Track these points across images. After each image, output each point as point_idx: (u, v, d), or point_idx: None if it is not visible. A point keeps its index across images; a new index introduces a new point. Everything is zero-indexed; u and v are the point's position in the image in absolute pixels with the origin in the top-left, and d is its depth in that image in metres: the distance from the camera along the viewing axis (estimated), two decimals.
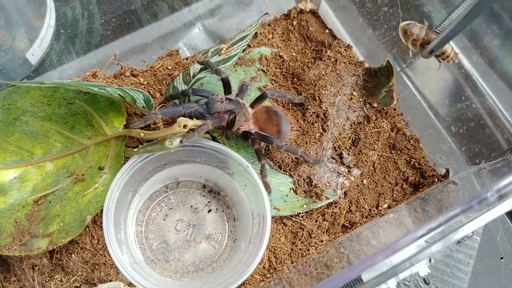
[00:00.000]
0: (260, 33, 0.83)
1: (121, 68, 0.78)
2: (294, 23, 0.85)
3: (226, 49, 0.72)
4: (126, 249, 0.62)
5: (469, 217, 0.49)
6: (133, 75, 0.77)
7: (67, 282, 0.65)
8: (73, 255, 0.65)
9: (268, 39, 0.83)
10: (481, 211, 0.48)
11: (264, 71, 0.79)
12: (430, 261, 0.78)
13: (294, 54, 0.82)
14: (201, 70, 0.71)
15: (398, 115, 0.77)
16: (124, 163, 0.63)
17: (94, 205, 0.62)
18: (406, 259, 0.49)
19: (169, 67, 0.79)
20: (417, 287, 0.76)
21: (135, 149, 0.62)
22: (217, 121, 0.62)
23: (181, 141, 0.59)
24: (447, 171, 0.73)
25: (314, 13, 0.85)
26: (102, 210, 0.60)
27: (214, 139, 0.70)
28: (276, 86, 0.78)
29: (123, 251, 0.59)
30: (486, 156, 0.68)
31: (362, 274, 0.50)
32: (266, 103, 0.75)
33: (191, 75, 0.73)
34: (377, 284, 0.49)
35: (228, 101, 0.66)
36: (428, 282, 0.76)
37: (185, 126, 0.58)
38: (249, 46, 0.81)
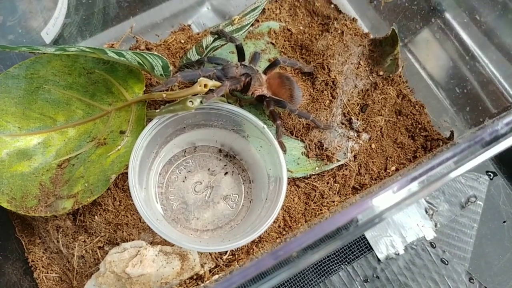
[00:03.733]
0: (268, 9, 0.86)
1: (137, 41, 0.81)
2: None
3: (239, 19, 0.75)
4: (148, 206, 0.64)
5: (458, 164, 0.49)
6: (148, 49, 0.80)
7: (90, 242, 0.68)
8: (96, 216, 0.68)
9: (276, 14, 0.86)
10: (466, 159, 0.48)
11: (273, 44, 0.82)
12: (436, 225, 0.80)
13: (301, 28, 0.85)
14: (214, 40, 0.74)
15: (403, 82, 0.81)
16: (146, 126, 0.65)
17: (118, 165, 0.65)
18: (399, 202, 0.49)
19: (182, 41, 0.82)
20: (424, 250, 0.78)
21: (158, 110, 0.64)
22: (234, 82, 0.65)
23: (201, 102, 0.62)
24: (452, 133, 0.77)
25: None
26: (125, 170, 0.63)
27: None
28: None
29: (147, 206, 0.62)
30: (490, 116, 0.72)
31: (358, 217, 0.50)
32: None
33: (204, 47, 0.76)
34: (371, 226, 0.49)
35: (243, 67, 0.69)
36: (434, 245, 0.79)
37: (205, 86, 0.61)
38: (257, 21, 0.84)
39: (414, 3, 0.79)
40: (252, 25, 0.83)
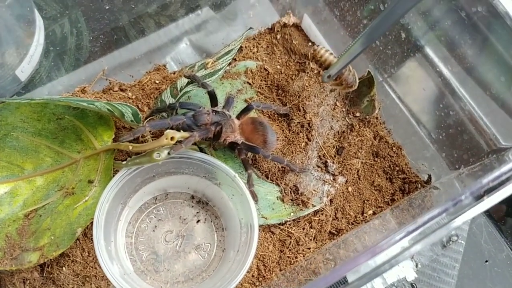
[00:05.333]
0: (245, 47, 0.85)
1: (110, 83, 0.79)
2: (278, 36, 0.87)
3: (212, 63, 0.74)
4: (116, 260, 0.63)
5: (449, 217, 0.50)
6: (122, 90, 0.79)
7: None
8: (64, 268, 0.66)
9: (253, 53, 0.85)
10: (457, 212, 0.50)
11: (249, 83, 0.81)
12: (416, 266, 0.79)
13: (278, 67, 0.84)
14: (188, 83, 0.73)
15: (380, 123, 0.80)
16: (113, 176, 0.64)
17: (84, 217, 0.63)
18: (389, 259, 0.50)
19: (157, 81, 0.81)
20: None
21: (124, 162, 0.63)
22: (204, 132, 0.64)
23: (168, 153, 0.61)
24: (429, 177, 0.75)
25: (297, 26, 0.88)
26: (92, 222, 0.61)
27: (201, 150, 0.71)
28: (262, 98, 0.80)
29: (113, 263, 0.60)
30: (466, 161, 0.70)
31: (347, 275, 0.51)
32: (253, 114, 0.77)
33: (178, 89, 0.75)
34: (361, 284, 0.50)
35: (214, 113, 0.68)
36: (415, 286, 0.78)
37: (172, 138, 0.60)
38: (234, 59, 0.83)
39: (388, 47, 0.77)
40: (230, 64, 0.82)
